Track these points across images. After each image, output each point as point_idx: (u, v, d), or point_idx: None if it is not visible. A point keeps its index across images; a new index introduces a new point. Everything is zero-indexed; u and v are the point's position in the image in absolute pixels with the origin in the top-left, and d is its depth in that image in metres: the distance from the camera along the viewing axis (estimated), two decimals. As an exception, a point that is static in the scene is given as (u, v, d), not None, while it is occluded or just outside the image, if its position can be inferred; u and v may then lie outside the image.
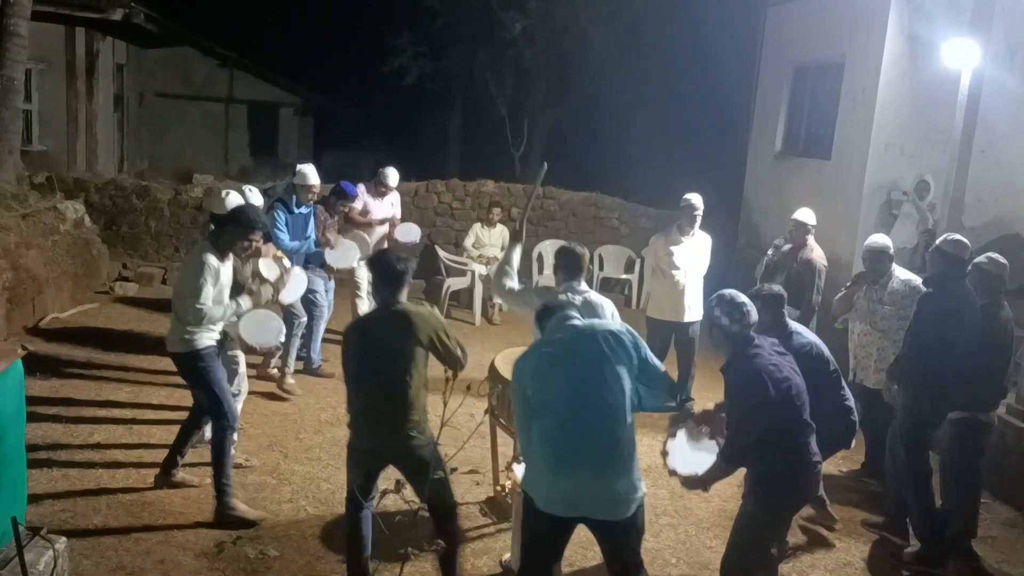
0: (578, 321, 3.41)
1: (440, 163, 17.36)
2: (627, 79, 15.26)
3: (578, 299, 4.19)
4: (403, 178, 11.01)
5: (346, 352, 3.75)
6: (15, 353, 3.53)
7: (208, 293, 4.34)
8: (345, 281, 7.75)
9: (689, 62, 15.02)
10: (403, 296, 3.76)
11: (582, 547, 4.31)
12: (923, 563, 4.61)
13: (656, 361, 3.40)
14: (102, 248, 9.31)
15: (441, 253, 10.21)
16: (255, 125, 18.73)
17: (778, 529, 3.84)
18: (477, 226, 9.76)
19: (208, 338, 4.51)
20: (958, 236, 4.70)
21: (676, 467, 3.73)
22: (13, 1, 8.21)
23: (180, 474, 4.80)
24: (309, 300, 6.66)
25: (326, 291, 7.02)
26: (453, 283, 9.57)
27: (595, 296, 4.39)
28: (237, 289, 4.78)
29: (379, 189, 7.70)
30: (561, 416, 3.20)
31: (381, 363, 3.64)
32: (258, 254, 5.33)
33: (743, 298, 3.60)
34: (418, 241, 8.14)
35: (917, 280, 5.28)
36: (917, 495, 4.63)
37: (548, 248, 10.53)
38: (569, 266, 4.41)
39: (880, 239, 5.44)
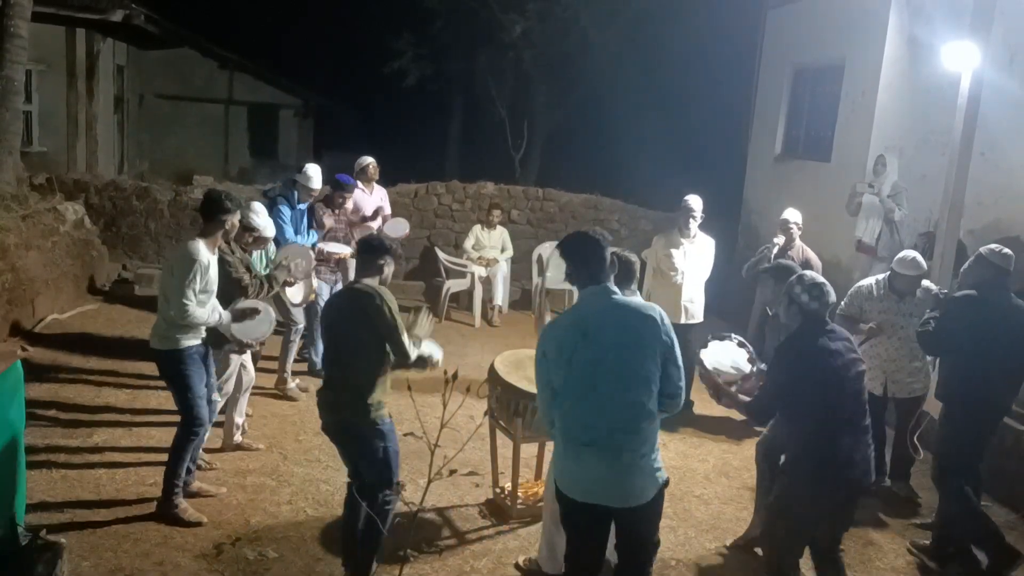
0: (617, 296, 3.24)
1: (440, 165, 17.38)
2: (627, 81, 15.27)
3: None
4: (403, 180, 11.09)
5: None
6: (15, 354, 3.54)
7: (194, 291, 4.27)
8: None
9: (689, 64, 15.02)
10: (370, 279, 3.87)
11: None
12: (926, 554, 4.68)
13: (679, 366, 3.20)
14: (102, 249, 9.31)
15: (441, 255, 10.20)
16: (255, 127, 18.76)
17: (803, 521, 3.67)
18: (477, 228, 9.76)
19: (193, 337, 4.43)
20: (1003, 248, 4.61)
21: (705, 360, 4.05)
22: (13, 2, 8.21)
23: (196, 484, 4.75)
24: (312, 303, 6.66)
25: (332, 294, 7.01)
26: (453, 285, 9.57)
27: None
28: (230, 289, 4.78)
29: (363, 181, 7.76)
30: (575, 391, 3.11)
31: (340, 339, 3.86)
32: (260, 244, 5.49)
33: (822, 279, 3.72)
34: (406, 234, 8.20)
35: (933, 286, 5.36)
36: (965, 510, 4.52)
37: (548, 250, 10.53)
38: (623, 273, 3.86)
39: (917, 258, 5.30)
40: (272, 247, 5.92)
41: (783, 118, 10.38)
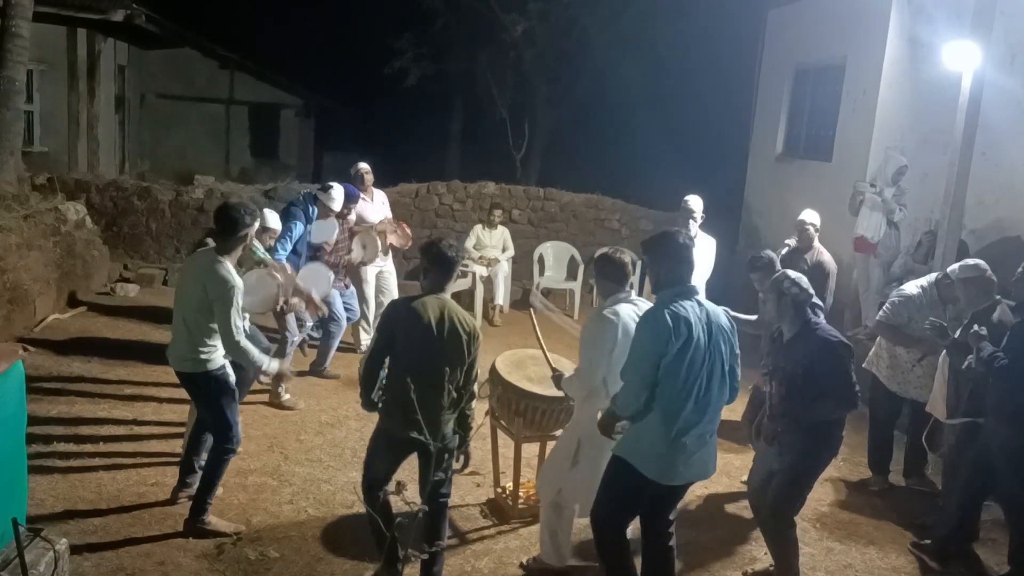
0: (703, 300, 3.58)
1: (441, 164, 17.38)
2: (628, 81, 15.27)
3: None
4: (404, 180, 11.10)
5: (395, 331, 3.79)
6: (15, 354, 3.53)
7: (240, 318, 4.10)
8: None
9: (690, 64, 15.02)
10: (449, 287, 3.94)
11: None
12: (928, 554, 4.68)
13: (738, 366, 3.67)
14: (103, 249, 9.31)
15: (442, 254, 10.19)
16: (256, 126, 18.74)
17: (814, 481, 4.24)
18: (478, 227, 9.76)
19: (222, 355, 4.26)
20: None
21: None
22: (15, 2, 8.21)
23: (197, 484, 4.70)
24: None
25: (345, 298, 6.96)
26: (454, 284, 9.56)
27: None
28: None
29: (360, 188, 7.45)
30: (687, 390, 3.43)
31: (434, 355, 3.75)
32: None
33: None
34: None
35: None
36: None
37: (549, 250, 10.54)
38: (617, 274, 4.06)
39: (980, 266, 5.03)
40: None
41: (784, 118, 10.39)
